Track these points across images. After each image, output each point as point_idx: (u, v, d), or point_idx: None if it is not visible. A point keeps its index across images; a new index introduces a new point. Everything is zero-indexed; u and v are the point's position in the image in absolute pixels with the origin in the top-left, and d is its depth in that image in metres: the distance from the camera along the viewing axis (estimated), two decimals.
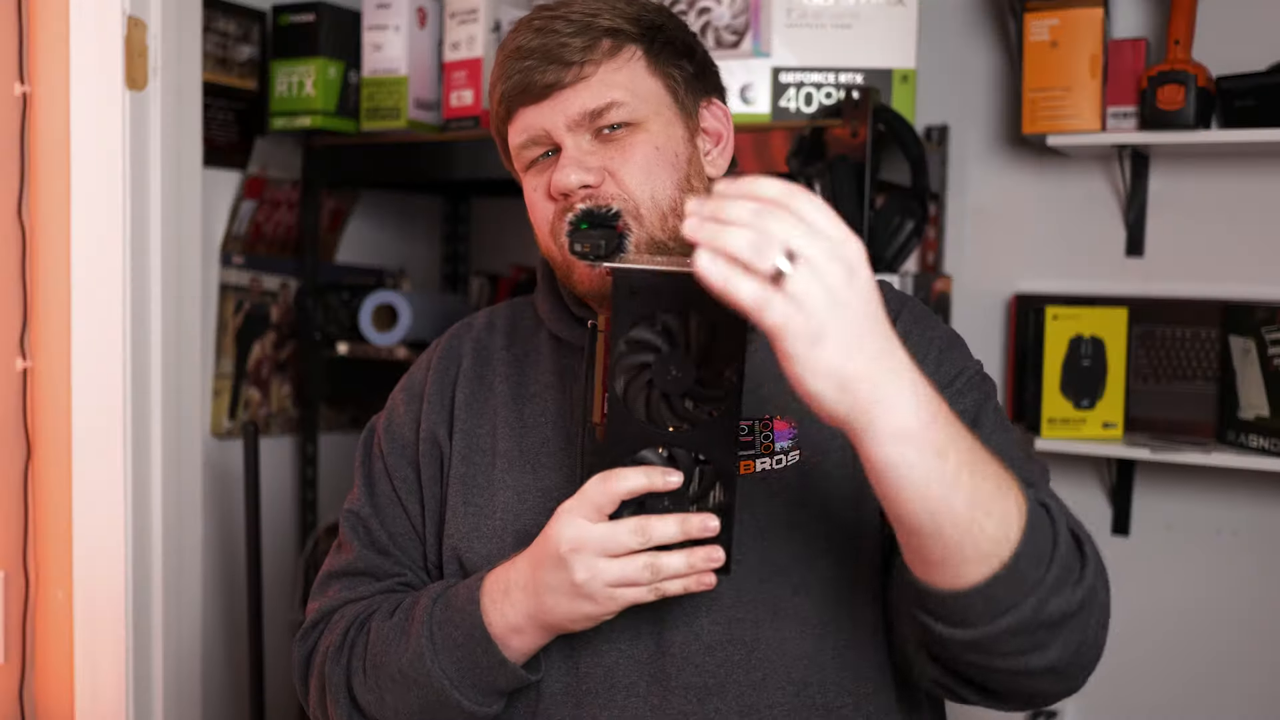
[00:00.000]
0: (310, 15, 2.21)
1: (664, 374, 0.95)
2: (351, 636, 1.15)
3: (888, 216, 1.91)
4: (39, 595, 1.92)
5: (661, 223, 1.10)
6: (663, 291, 0.94)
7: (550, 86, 1.09)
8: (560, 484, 1.14)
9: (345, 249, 2.52)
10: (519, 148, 1.13)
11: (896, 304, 1.17)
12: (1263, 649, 2.08)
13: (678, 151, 1.13)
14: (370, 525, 1.22)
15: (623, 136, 1.10)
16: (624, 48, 1.11)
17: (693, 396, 0.95)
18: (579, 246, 1.07)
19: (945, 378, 1.12)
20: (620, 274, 0.94)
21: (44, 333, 1.89)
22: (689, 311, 0.94)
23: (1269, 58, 1.97)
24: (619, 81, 1.10)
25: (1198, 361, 2.07)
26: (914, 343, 1.13)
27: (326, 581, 1.23)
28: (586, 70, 1.09)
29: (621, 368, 0.95)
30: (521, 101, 1.11)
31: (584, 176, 1.08)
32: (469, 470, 1.19)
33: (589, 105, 1.09)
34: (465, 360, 1.25)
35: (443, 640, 1.07)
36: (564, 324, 1.21)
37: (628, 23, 1.12)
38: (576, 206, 1.09)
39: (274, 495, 2.35)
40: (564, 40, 1.09)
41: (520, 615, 1.04)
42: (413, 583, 1.21)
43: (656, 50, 1.13)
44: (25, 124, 1.88)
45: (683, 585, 0.99)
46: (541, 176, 1.12)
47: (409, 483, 1.22)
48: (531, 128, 1.11)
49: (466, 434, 1.20)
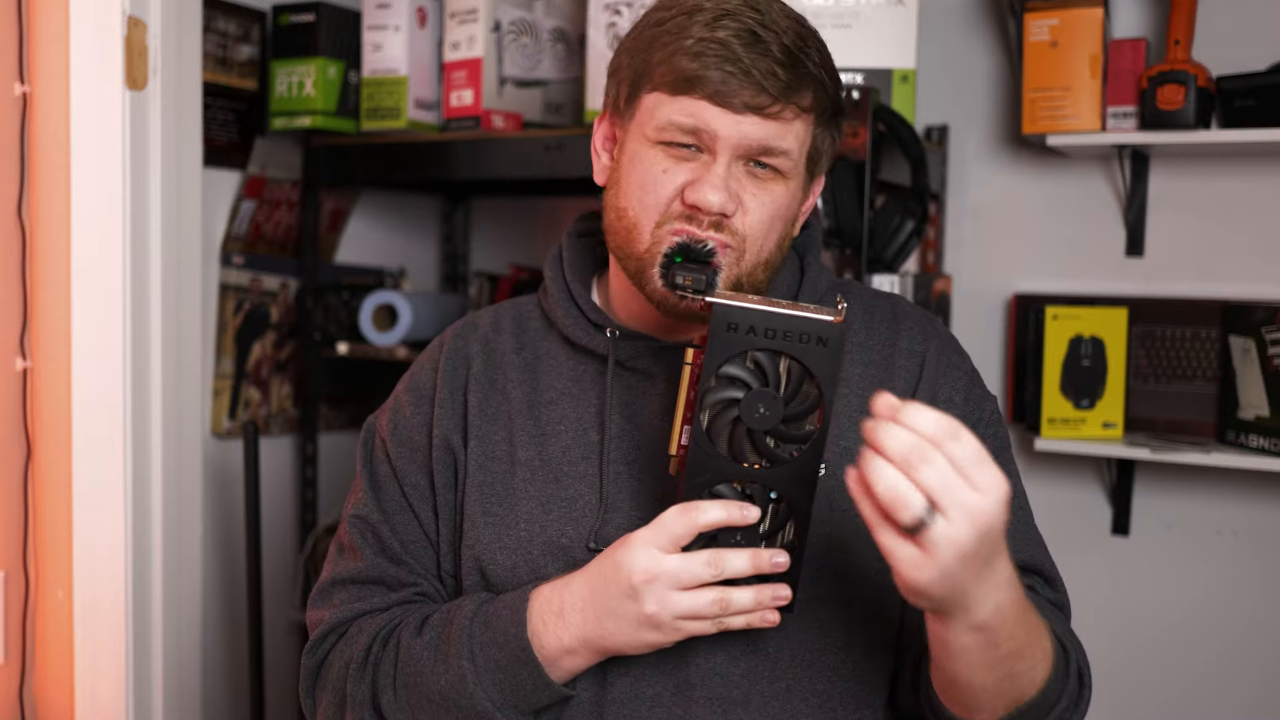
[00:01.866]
0: (310, 15, 2.21)
1: (752, 410, 0.96)
2: (376, 653, 1.12)
3: (888, 216, 1.91)
4: (39, 595, 1.92)
5: (753, 271, 1.10)
6: (759, 329, 0.95)
7: (746, 107, 1.05)
8: (585, 493, 1.13)
9: (345, 249, 2.53)
10: (671, 125, 1.07)
11: (923, 335, 1.18)
12: (1263, 649, 2.08)
13: (793, 212, 1.13)
14: (380, 532, 1.19)
15: (767, 178, 1.09)
16: (816, 105, 1.09)
17: (777, 435, 0.97)
18: (680, 279, 1.05)
19: (971, 418, 1.15)
20: (721, 309, 0.96)
21: (44, 333, 1.89)
22: (783, 352, 0.95)
23: (1269, 58, 1.97)
24: (799, 134, 1.09)
25: (1198, 361, 2.07)
26: (944, 378, 1.16)
27: (331, 589, 1.19)
28: (785, 114, 1.06)
29: (710, 400, 0.97)
30: (707, 97, 1.05)
31: (727, 204, 1.06)
32: (487, 478, 1.16)
33: (770, 143, 1.07)
34: (475, 363, 1.22)
35: (485, 662, 1.05)
36: (580, 330, 1.18)
37: (828, 78, 1.10)
38: (673, 241, 1.07)
39: (274, 495, 2.35)
40: (775, 69, 1.04)
41: (575, 638, 1.03)
42: (428, 592, 1.19)
43: (829, 117, 1.12)
44: (25, 124, 1.88)
45: (746, 621, 1.00)
46: (677, 165, 1.08)
47: (420, 489, 1.19)
48: (703, 122, 1.06)
49: (482, 440, 1.18)
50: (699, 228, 1.07)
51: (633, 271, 1.12)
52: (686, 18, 1.07)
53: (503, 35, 2.14)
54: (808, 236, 1.24)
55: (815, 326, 0.95)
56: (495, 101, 2.13)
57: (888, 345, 1.17)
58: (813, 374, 0.95)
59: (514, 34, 2.15)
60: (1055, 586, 1.16)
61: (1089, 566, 2.16)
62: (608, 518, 1.11)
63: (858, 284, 1.26)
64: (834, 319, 0.95)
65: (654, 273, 1.08)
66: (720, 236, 1.07)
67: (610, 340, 1.16)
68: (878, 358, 1.16)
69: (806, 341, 0.95)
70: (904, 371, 1.15)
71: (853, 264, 1.81)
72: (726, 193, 1.06)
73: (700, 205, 1.06)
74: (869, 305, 1.21)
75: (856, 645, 1.11)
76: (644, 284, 1.10)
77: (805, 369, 0.95)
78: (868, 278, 1.84)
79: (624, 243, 1.12)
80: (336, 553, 1.22)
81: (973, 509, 0.84)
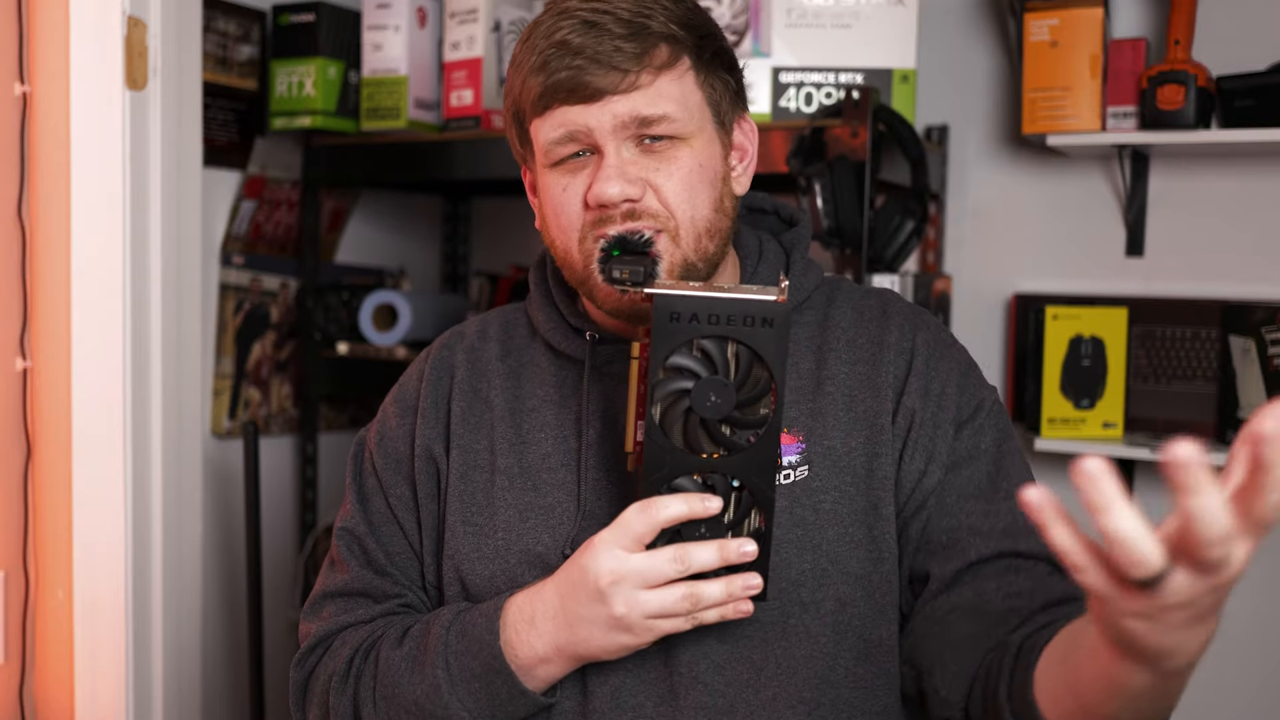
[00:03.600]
0: (310, 15, 2.21)
1: (704, 400, 0.93)
2: (358, 666, 1.11)
3: (888, 216, 1.91)
4: (39, 595, 1.92)
5: (696, 243, 1.07)
6: (702, 317, 0.93)
7: (601, 90, 1.03)
8: (563, 501, 1.11)
9: (345, 249, 2.53)
10: (551, 143, 1.07)
11: (911, 328, 1.15)
12: (1263, 649, 2.08)
13: (716, 170, 1.09)
14: (366, 544, 1.18)
15: (666, 149, 1.06)
16: (680, 58, 1.06)
17: (732, 423, 0.95)
18: (616, 273, 1.03)
19: (967, 409, 1.12)
20: (661, 299, 0.93)
21: (44, 333, 1.89)
22: (729, 337, 0.93)
23: (1269, 58, 1.97)
24: (672, 93, 1.06)
25: (1198, 361, 2.07)
26: (935, 369, 1.13)
27: (321, 602, 1.19)
28: (643, 79, 1.04)
29: (660, 393, 0.94)
30: (565, 100, 1.05)
31: (627, 189, 1.04)
32: (467, 487, 1.15)
33: (641, 111, 1.04)
34: (459, 372, 1.20)
35: (460, 672, 1.04)
36: (561, 335, 1.17)
37: (681, 28, 1.06)
38: (609, 233, 1.05)
39: (274, 495, 2.35)
40: (618, 43, 1.03)
41: (548, 646, 1.01)
42: (413, 604, 1.18)
43: (706, 61, 1.09)
44: (25, 124, 1.88)
45: (720, 614, 0.98)
46: (573, 177, 1.07)
47: (404, 500, 1.18)
48: (572, 124, 1.05)
49: (463, 450, 1.16)
50: (615, 225, 1.05)
51: (586, 293, 1.11)
52: (528, 40, 1.08)
53: (503, 35, 2.14)
54: (795, 235, 1.22)
55: (759, 308, 0.93)
56: (495, 101, 2.13)
57: (875, 342, 1.14)
58: (761, 357, 0.93)
59: (514, 34, 2.16)
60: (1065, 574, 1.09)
61: None
62: (585, 525, 1.09)
63: (848, 281, 1.24)
64: (777, 298, 0.93)
65: (597, 279, 1.06)
66: (642, 224, 1.05)
67: (589, 344, 1.15)
68: (865, 355, 1.14)
69: (752, 324, 0.92)
70: (892, 367, 1.13)
71: (853, 264, 1.81)
72: (623, 179, 1.04)
73: (601, 200, 1.04)
74: (859, 304, 1.18)
75: (847, 650, 1.08)
76: (595, 299, 1.09)
77: (753, 352, 0.93)
78: (868, 277, 1.84)
79: (568, 273, 1.11)
80: (327, 566, 1.22)
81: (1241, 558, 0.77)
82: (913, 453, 1.10)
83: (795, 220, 1.25)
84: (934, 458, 1.10)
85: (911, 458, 1.10)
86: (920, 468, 1.10)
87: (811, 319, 1.16)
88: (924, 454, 1.10)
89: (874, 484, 1.09)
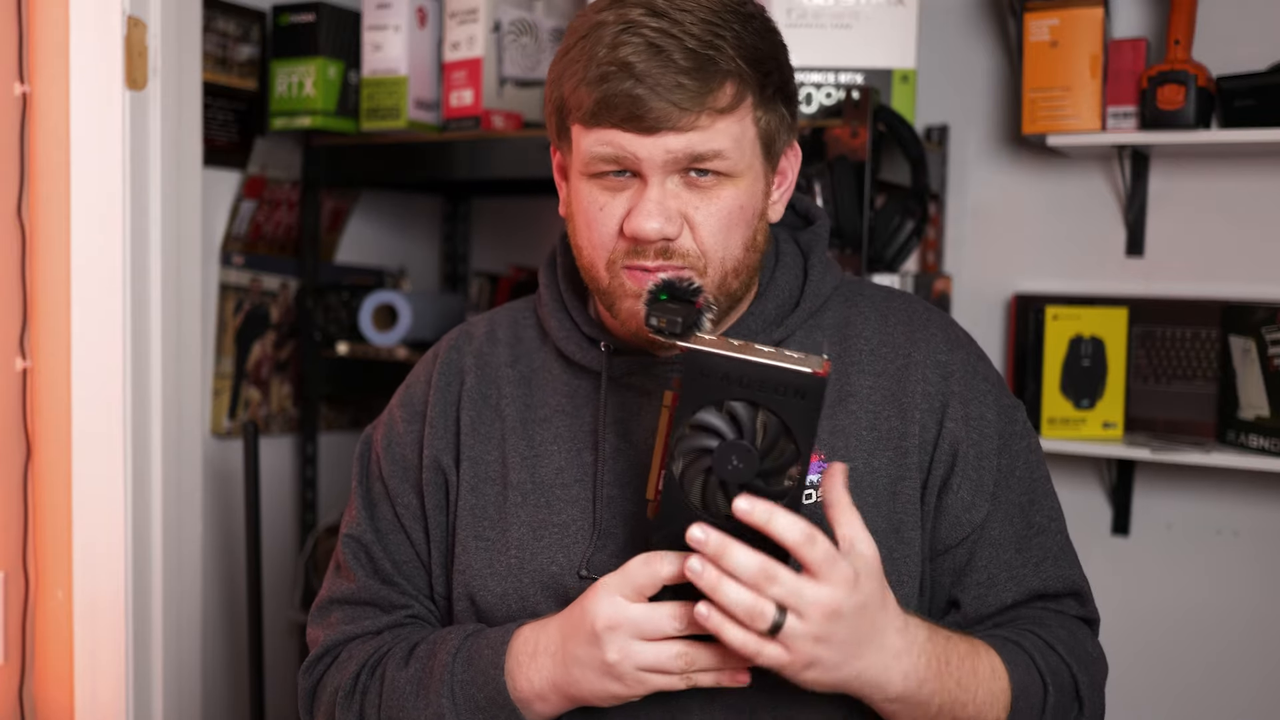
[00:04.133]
0: (310, 15, 2.21)
1: (725, 462, 0.91)
2: (364, 681, 1.10)
3: (888, 216, 1.91)
4: (39, 595, 1.92)
5: (721, 281, 1.05)
6: (734, 379, 0.90)
7: (658, 125, 1.00)
8: (577, 519, 1.09)
9: (345, 249, 2.53)
10: (594, 157, 1.03)
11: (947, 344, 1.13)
12: (1263, 649, 2.08)
13: (756, 209, 1.07)
14: (373, 552, 1.17)
15: (710, 185, 1.03)
16: (743, 98, 1.02)
17: (752, 490, 0.91)
18: (655, 321, 0.98)
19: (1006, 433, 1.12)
20: (694, 356, 0.91)
21: (44, 333, 1.89)
22: (760, 402, 0.91)
23: (1269, 58, 1.97)
24: (731, 133, 1.02)
25: (1198, 361, 2.07)
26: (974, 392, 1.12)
27: (328, 607, 1.18)
28: (702, 121, 1.00)
29: (682, 449, 0.92)
30: (618, 125, 1.01)
31: (666, 228, 1.01)
32: (478, 501, 1.13)
33: (694, 149, 1.01)
34: (468, 378, 1.18)
35: (464, 701, 1.03)
36: (575, 345, 1.14)
37: (748, 64, 1.02)
38: (658, 277, 1.01)
39: (274, 495, 2.35)
40: (681, 80, 0.99)
41: (545, 683, 1.00)
42: (421, 614, 1.17)
43: (768, 94, 1.05)
44: (25, 124, 1.88)
45: (715, 679, 0.96)
46: (611, 197, 1.04)
47: (412, 509, 1.16)
48: (619, 148, 1.02)
49: (474, 461, 1.14)
50: (647, 260, 1.02)
51: (606, 305, 1.09)
52: (587, 41, 1.02)
53: (503, 35, 2.14)
54: (813, 234, 1.18)
55: (794, 379, 0.89)
56: (495, 101, 2.13)
57: (902, 355, 1.11)
58: (789, 427, 0.90)
59: (514, 34, 2.15)
60: (1085, 601, 1.15)
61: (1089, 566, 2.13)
62: (600, 544, 1.08)
63: (869, 284, 1.20)
64: (815, 371, 0.89)
65: (625, 305, 1.05)
66: (673, 264, 1.02)
67: (604, 356, 1.12)
68: (891, 368, 1.11)
69: (784, 394, 0.89)
70: (922, 384, 1.10)
71: (853, 264, 1.81)
72: (664, 216, 1.01)
73: (639, 236, 1.02)
74: (882, 309, 1.15)
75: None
76: (617, 317, 1.07)
77: (782, 422, 0.90)
78: (867, 278, 1.84)
79: (589, 279, 1.09)
80: (334, 570, 1.21)
81: (822, 601, 0.88)
82: (960, 484, 1.09)
83: (813, 216, 1.21)
84: (980, 489, 1.10)
85: (959, 489, 1.09)
86: (968, 500, 1.09)
87: (831, 323, 1.14)
88: (971, 486, 1.09)
89: (897, 507, 1.08)
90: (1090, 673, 1.10)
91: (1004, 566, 1.10)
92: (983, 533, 1.10)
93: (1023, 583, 1.11)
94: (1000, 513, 1.10)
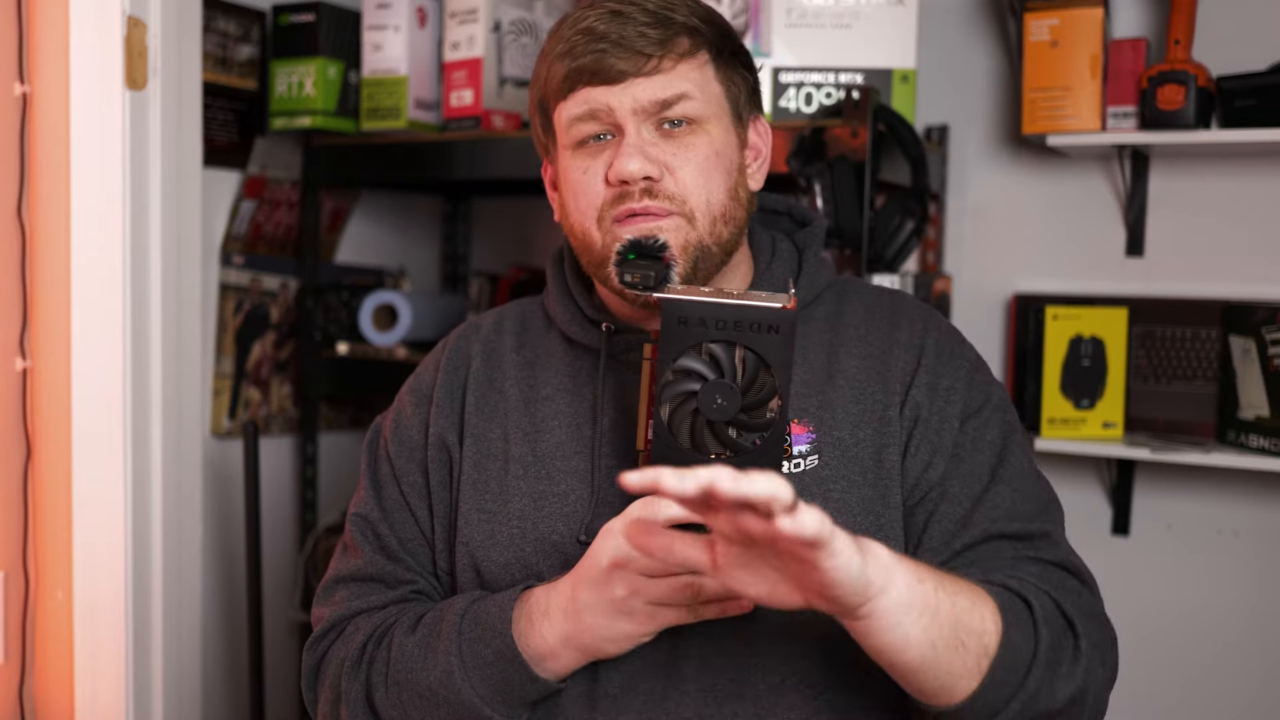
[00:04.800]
0: (310, 15, 2.21)
1: (710, 402, 0.97)
2: (370, 651, 1.13)
3: (888, 216, 1.90)
4: (39, 595, 1.92)
5: (711, 227, 1.11)
6: (710, 322, 0.96)
7: (624, 73, 1.09)
8: (577, 488, 1.14)
9: (345, 249, 2.52)
10: (574, 120, 1.12)
11: (923, 328, 1.18)
12: (1263, 649, 2.08)
13: (732, 158, 1.14)
14: (379, 530, 1.21)
15: (684, 134, 1.11)
16: (700, 50, 1.12)
17: (738, 425, 0.98)
18: (628, 277, 1.07)
19: (974, 403, 1.15)
20: (669, 304, 0.97)
21: (44, 333, 1.89)
22: (735, 342, 0.96)
23: (1269, 58, 1.97)
24: (693, 78, 1.11)
25: (1198, 361, 2.07)
26: (945, 366, 1.16)
27: (333, 586, 1.22)
28: (665, 64, 1.10)
29: (668, 395, 0.98)
30: (588, 81, 1.10)
31: (646, 167, 1.08)
32: (481, 476, 1.18)
33: (660, 94, 1.09)
34: (475, 362, 1.23)
35: (473, 659, 1.06)
36: (576, 325, 1.20)
37: (702, 23, 1.12)
38: (624, 237, 1.09)
39: (274, 495, 2.35)
40: (642, 30, 1.09)
41: (557, 637, 1.04)
42: (425, 590, 1.20)
43: (725, 56, 1.14)
44: (25, 124, 1.88)
45: (720, 609, 1.01)
46: (594, 159, 1.12)
47: (417, 487, 1.21)
48: (594, 103, 1.10)
49: (477, 438, 1.19)
50: (633, 201, 1.08)
51: (602, 279, 1.14)
52: (557, 30, 1.13)
53: (503, 35, 2.14)
54: (809, 234, 1.25)
55: (766, 315, 0.96)
56: (495, 101, 2.13)
57: (885, 339, 1.17)
58: (767, 362, 0.96)
59: (514, 34, 2.16)
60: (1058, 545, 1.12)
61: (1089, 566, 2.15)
62: (600, 511, 1.11)
63: (860, 280, 1.27)
64: (784, 305, 0.96)
65: (611, 270, 1.10)
66: (658, 204, 1.08)
67: (604, 334, 1.17)
68: (875, 350, 1.17)
69: (758, 330, 0.96)
70: (901, 364, 1.15)
71: (852, 264, 1.81)
72: (644, 156, 1.08)
73: (622, 176, 1.08)
74: (870, 302, 1.21)
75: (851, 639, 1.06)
76: (611, 285, 1.13)
77: (759, 358, 0.96)
78: (868, 278, 1.84)
79: (587, 258, 1.15)
80: (340, 551, 1.24)
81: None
82: (918, 445, 1.12)
83: (808, 221, 1.28)
84: (939, 450, 1.12)
85: (917, 450, 1.12)
86: (925, 459, 1.12)
87: (823, 315, 1.19)
88: (929, 447, 1.12)
89: (881, 475, 1.11)
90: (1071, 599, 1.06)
91: (959, 518, 1.10)
92: (942, 491, 1.11)
93: (974, 527, 1.09)
94: (963, 470, 1.12)
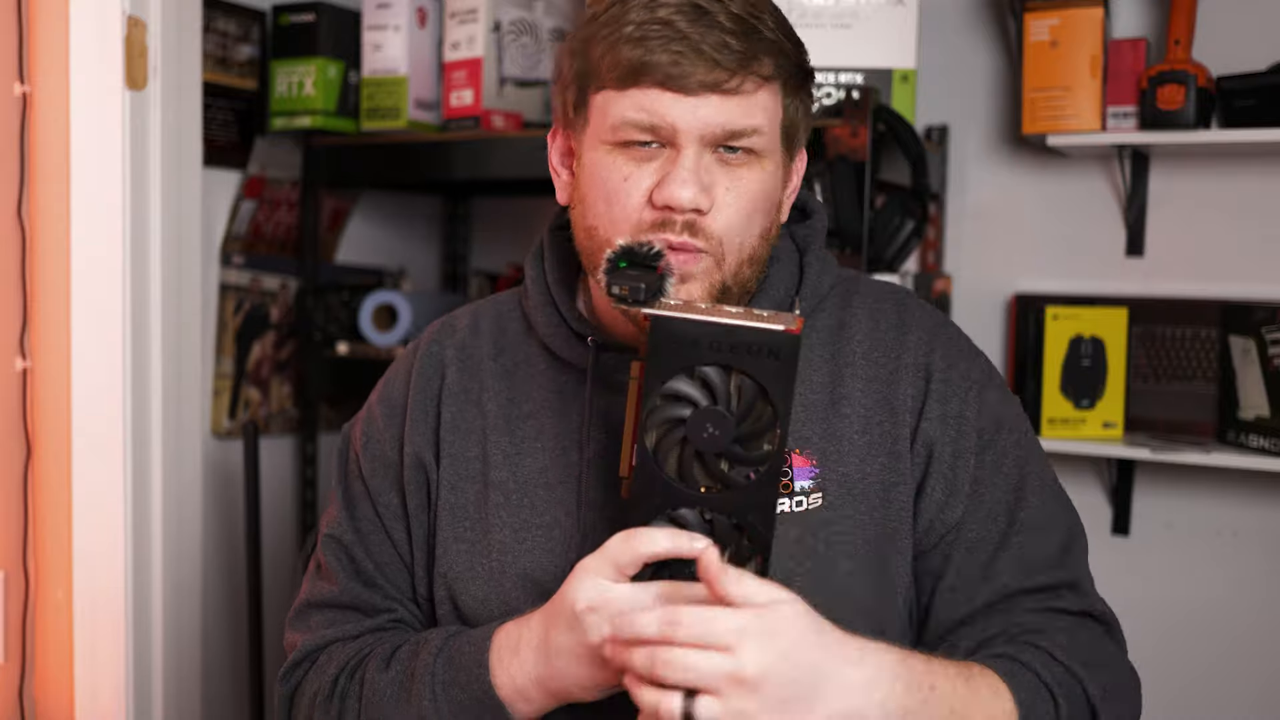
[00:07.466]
0: (310, 15, 2.21)
1: (699, 430, 0.86)
2: (343, 685, 1.07)
3: (888, 216, 1.91)
4: (39, 595, 1.92)
5: (736, 270, 1.01)
6: (704, 343, 0.86)
7: (701, 85, 0.96)
8: (562, 520, 1.06)
9: (345, 249, 2.52)
10: (626, 122, 0.98)
11: (928, 345, 1.09)
12: (1263, 648, 2.08)
13: (774, 198, 1.04)
14: (354, 553, 1.13)
15: (739, 164, 1.00)
16: (780, 74, 1.00)
17: (730, 457, 0.88)
18: (616, 289, 0.92)
19: (988, 431, 1.07)
20: (659, 321, 0.87)
21: (44, 333, 1.89)
22: (732, 365, 0.86)
23: (1269, 58, 1.97)
24: (767, 109, 0.99)
25: (1198, 361, 2.07)
26: (953, 388, 1.08)
27: (307, 611, 1.15)
28: (745, 86, 0.97)
29: (655, 421, 0.88)
30: (660, 84, 0.96)
31: (700, 198, 0.97)
32: (458, 500, 1.10)
33: (735, 123, 0.98)
34: (449, 372, 1.14)
35: (447, 702, 1.00)
36: (561, 340, 1.10)
37: (787, 41, 1.00)
38: (617, 244, 0.97)
39: (274, 495, 2.35)
40: (728, 39, 0.96)
41: (528, 679, 0.96)
42: (404, 618, 1.14)
43: (797, 82, 1.02)
44: (25, 124, 1.88)
45: None
46: (638, 167, 0.99)
47: (393, 508, 1.13)
48: (657, 116, 0.97)
49: (454, 458, 1.11)
50: (673, 233, 0.97)
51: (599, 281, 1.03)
52: (622, 5, 0.99)
53: (503, 35, 2.14)
54: (809, 229, 1.15)
55: (766, 338, 0.85)
56: (495, 101, 2.13)
57: (892, 358, 1.08)
58: (765, 391, 0.86)
59: (514, 34, 2.16)
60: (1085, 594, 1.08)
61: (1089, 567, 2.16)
62: (587, 549, 1.00)
63: (865, 278, 1.17)
64: (787, 328, 0.85)
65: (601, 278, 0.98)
66: (695, 242, 0.98)
67: (591, 351, 1.07)
68: (882, 373, 1.08)
69: (758, 354, 0.85)
70: (909, 387, 1.07)
71: (852, 264, 1.81)
72: (698, 185, 0.97)
73: (672, 204, 0.97)
74: (873, 307, 1.12)
75: None
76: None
77: (757, 385, 0.86)
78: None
79: (593, 261, 1.03)
80: (314, 571, 1.17)
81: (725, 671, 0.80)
82: (934, 484, 1.05)
83: (811, 210, 1.17)
84: (955, 490, 1.05)
85: (932, 489, 1.05)
86: (941, 499, 1.05)
87: (826, 325, 1.11)
88: (945, 485, 1.05)
89: (890, 513, 1.05)
90: (1101, 679, 1.02)
91: (978, 568, 1.04)
92: (959, 534, 1.05)
93: (995, 581, 1.04)
94: (981, 512, 1.05)
